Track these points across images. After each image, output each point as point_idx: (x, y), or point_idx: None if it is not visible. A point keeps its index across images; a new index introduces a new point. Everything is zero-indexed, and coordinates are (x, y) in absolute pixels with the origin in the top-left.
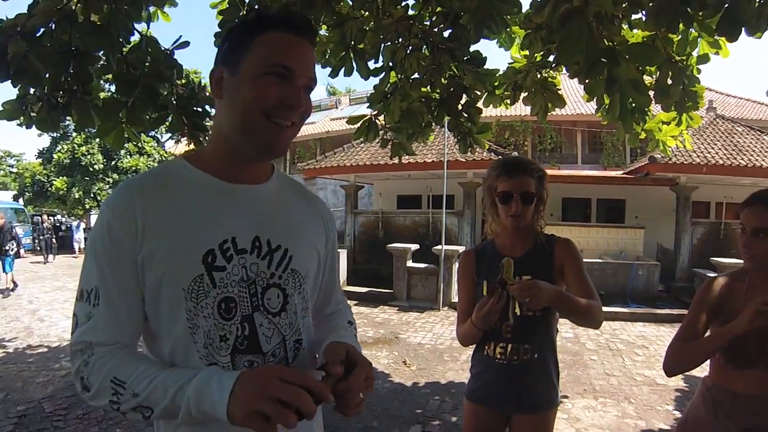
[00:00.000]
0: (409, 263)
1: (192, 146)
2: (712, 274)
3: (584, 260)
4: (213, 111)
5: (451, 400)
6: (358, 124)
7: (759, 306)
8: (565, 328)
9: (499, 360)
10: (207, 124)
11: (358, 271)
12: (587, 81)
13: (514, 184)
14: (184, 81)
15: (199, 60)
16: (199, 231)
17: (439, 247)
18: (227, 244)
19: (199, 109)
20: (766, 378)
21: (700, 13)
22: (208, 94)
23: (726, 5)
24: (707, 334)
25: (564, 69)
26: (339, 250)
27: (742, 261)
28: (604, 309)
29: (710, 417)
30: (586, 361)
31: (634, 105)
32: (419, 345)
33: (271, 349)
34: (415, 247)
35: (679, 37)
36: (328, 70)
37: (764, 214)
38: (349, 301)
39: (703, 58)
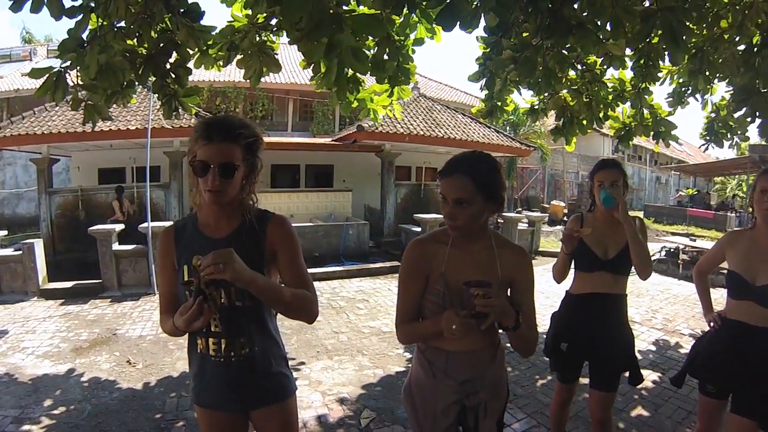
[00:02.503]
0: (116, 246)
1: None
2: (416, 228)
3: (295, 225)
4: None
5: (189, 393)
6: (43, 79)
7: (458, 321)
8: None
9: (215, 358)
10: None
11: (61, 262)
12: (307, 44)
13: (213, 152)
14: None
15: None
16: None
17: (145, 224)
18: None
19: None
20: (470, 340)
21: (424, 2)
22: None
23: (449, 1)
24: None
25: (285, 34)
26: (34, 239)
27: (441, 216)
28: (322, 270)
29: (429, 377)
30: (313, 324)
31: (349, 73)
32: (141, 338)
33: None
34: (119, 227)
35: (401, 19)
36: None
37: (466, 183)
38: (54, 301)
39: (419, 41)
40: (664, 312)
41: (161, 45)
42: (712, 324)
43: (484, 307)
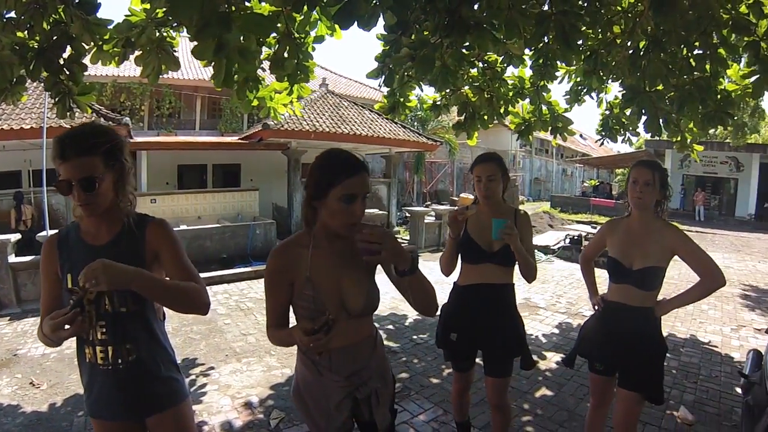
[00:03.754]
0: (12, 258)
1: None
2: None
3: (202, 227)
4: None
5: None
6: None
7: (307, 342)
8: None
9: (104, 366)
10: None
11: None
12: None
13: (71, 169)
14: None
15: None
16: None
17: (44, 233)
18: None
19: None
20: (349, 334)
21: (324, 0)
22: None
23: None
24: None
25: (185, 30)
26: None
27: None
28: (230, 271)
29: (316, 376)
30: (221, 327)
31: (237, 73)
32: (44, 357)
33: None
34: (15, 237)
35: (302, 17)
36: None
37: (361, 180)
38: None
39: (320, 39)
40: (567, 296)
41: (54, 38)
42: (596, 307)
43: (372, 236)
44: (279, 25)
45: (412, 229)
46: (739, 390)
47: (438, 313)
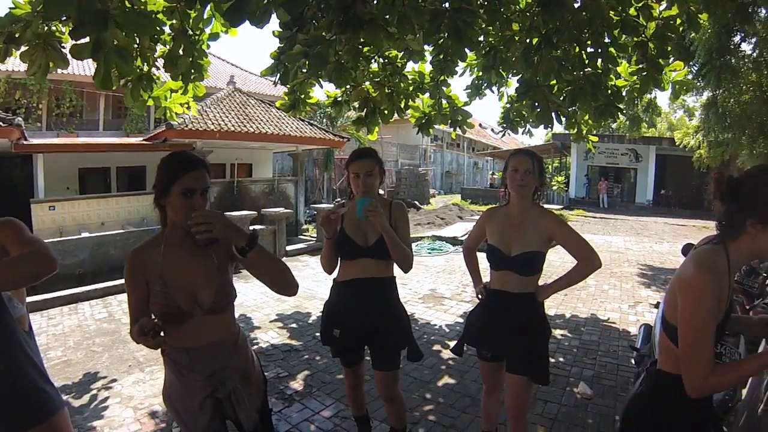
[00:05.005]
0: None
1: None
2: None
3: (106, 233)
4: None
5: None
6: None
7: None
8: (89, 320)
9: None
10: None
11: None
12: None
13: None
14: None
15: None
16: None
17: None
18: None
19: None
20: (208, 332)
21: None
22: None
23: None
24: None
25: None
26: None
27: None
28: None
29: (178, 376)
30: (124, 338)
31: (118, 73)
32: None
33: None
34: None
35: (196, 14)
36: None
37: (199, 175)
38: None
39: (215, 36)
40: (472, 286)
41: None
42: (479, 295)
43: (201, 218)
44: (174, 22)
45: (319, 227)
46: (633, 362)
47: (321, 310)
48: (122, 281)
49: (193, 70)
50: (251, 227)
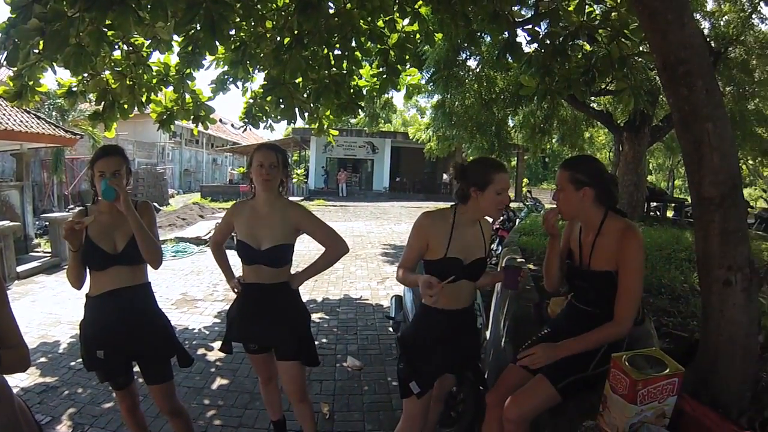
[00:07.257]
0: None
1: None
2: None
3: None
4: None
5: None
6: None
7: None
8: None
9: None
10: None
11: None
12: None
13: None
14: None
15: None
16: None
17: None
18: None
19: None
20: None
21: None
22: None
23: None
24: None
25: None
26: None
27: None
28: None
29: None
30: None
31: None
32: None
33: None
34: None
35: None
36: None
37: None
38: None
39: None
40: (223, 284)
41: None
42: (235, 290)
43: None
44: None
45: (53, 240)
46: (391, 330)
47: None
48: None
49: None
50: None
